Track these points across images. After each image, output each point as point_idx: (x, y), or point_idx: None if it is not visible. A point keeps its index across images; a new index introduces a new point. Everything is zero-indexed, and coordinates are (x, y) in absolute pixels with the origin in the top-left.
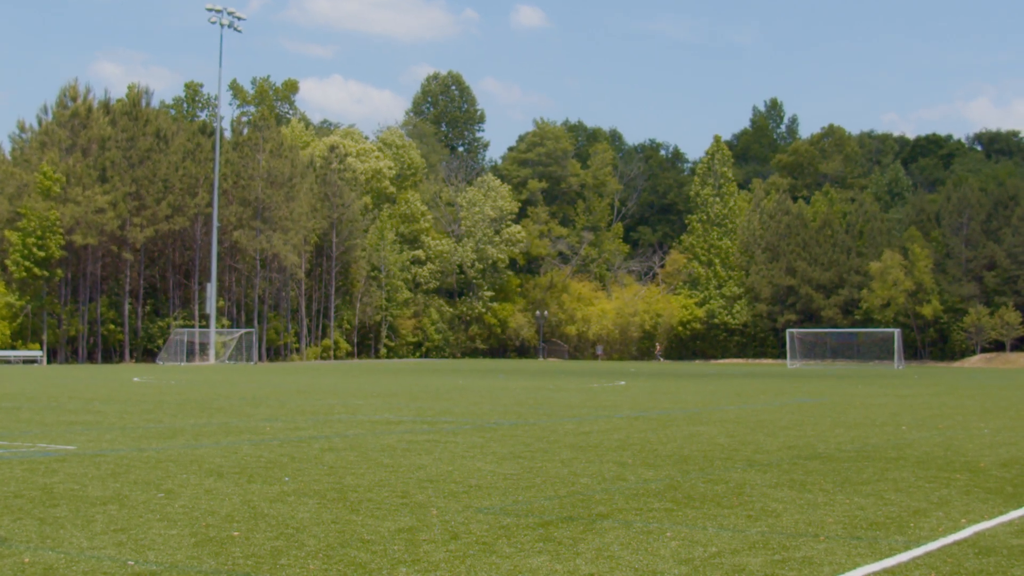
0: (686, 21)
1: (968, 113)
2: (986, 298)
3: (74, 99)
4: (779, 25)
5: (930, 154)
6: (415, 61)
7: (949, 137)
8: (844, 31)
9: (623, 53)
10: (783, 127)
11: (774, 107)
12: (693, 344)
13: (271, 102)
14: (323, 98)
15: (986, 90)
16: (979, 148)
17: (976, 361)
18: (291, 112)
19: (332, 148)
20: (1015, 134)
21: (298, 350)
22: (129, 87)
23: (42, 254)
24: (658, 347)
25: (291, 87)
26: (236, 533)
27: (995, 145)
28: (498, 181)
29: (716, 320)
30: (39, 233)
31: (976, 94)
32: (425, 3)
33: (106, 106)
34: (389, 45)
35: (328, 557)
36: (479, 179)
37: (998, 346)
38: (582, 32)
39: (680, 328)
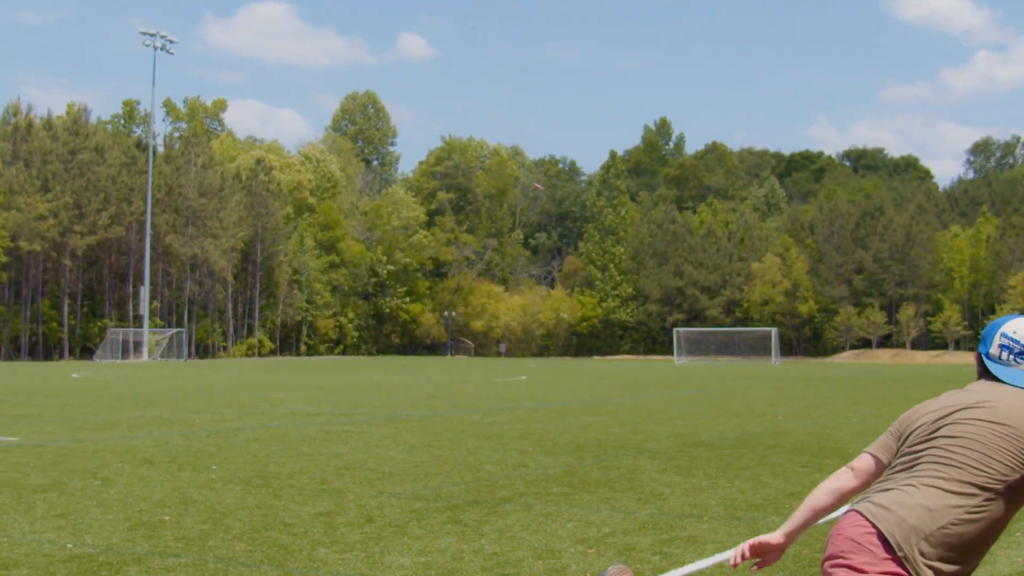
0: (575, 48)
1: (837, 131)
2: (855, 299)
3: (16, 115)
4: (662, 52)
5: (803, 169)
6: (317, 84)
7: (820, 153)
8: (727, 54)
9: (521, 76)
10: (671, 144)
11: (663, 126)
12: (590, 341)
13: (201, 119)
14: (238, 119)
15: (854, 109)
16: (848, 164)
17: (846, 357)
18: (220, 128)
19: (259, 161)
20: (880, 151)
21: (225, 348)
22: (69, 105)
23: None
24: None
25: (220, 105)
26: (167, 517)
27: (862, 161)
28: (402, 191)
29: (612, 319)
30: None
31: (845, 113)
32: (320, 31)
33: (48, 122)
34: (292, 70)
35: (252, 539)
36: (385, 192)
37: (865, 343)
38: (472, 58)
39: (582, 326)
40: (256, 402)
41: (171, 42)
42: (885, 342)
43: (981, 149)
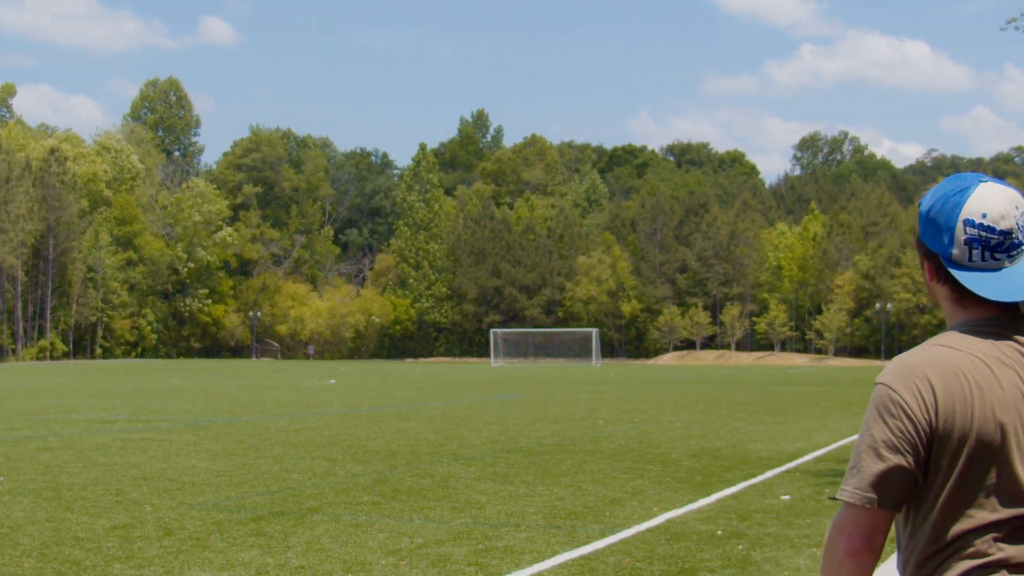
0: (387, 33)
1: (658, 125)
2: (678, 299)
3: None
4: (479, 39)
5: (625, 163)
6: (114, 70)
7: (643, 148)
8: (546, 44)
9: (331, 63)
10: (489, 136)
11: (480, 117)
12: (403, 343)
13: None
14: (28, 105)
15: (676, 103)
16: (671, 158)
17: (669, 358)
18: (8, 115)
19: (52, 151)
20: (705, 146)
21: (14, 351)
22: None
23: None
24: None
25: (8, 91)
26: None
27: (686, 156)
28: (204, 184)
29: (426, 320)
30: None
31: (667, 107)
32: (116, 13)
33: None
34: (86, 54)
35: (43, 555)
36: (186, 184)
37: (689, 344)
38: (279, 43)
39: (395, 328)
40: (47, 409)
41: None
42: (709, 343)
43: (808, 145)
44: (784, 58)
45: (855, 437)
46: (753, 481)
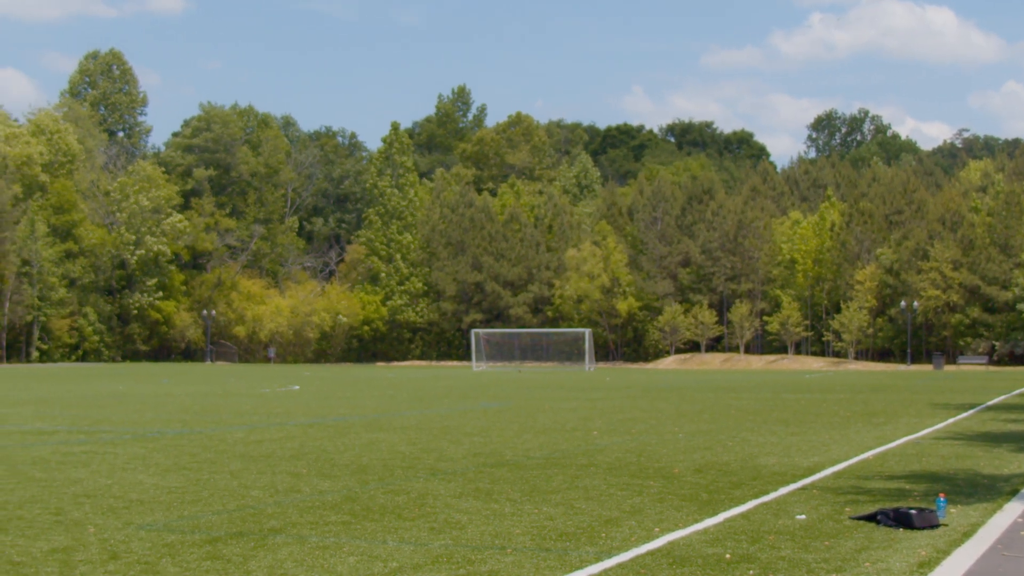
0: (347, 2)
1: (654, 101)
2: (681, 296)
3: None
4: (455, 5)
5: (621, 145)
6: (50, 43)
7: (640, 128)
8: (530, 11)
9: (288, 35)
10: (470, 115)
11: (461, 94)
12: (374, 345)
13: None
14: None
15: (671, 78)
16: (671, 139)
17: (671, 362)
18: None
19: None
20: (708, 125)
21: None
22: None
23: None
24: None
25: None
26: None
27: (688, 136)
28: (151, 167)
29: (399, 319)
30: None
31: (662, 82)
32: None
33: None
34: (13, 23)
35: None
36: (131, 168)
37: (693, 346)
38: (232, 11)
39: (365, 328)
40: None
41: None
42: (715, 345)
43: (824, 124)
44: (791, 28)
45: (878, 450)
46: (765, 499)
